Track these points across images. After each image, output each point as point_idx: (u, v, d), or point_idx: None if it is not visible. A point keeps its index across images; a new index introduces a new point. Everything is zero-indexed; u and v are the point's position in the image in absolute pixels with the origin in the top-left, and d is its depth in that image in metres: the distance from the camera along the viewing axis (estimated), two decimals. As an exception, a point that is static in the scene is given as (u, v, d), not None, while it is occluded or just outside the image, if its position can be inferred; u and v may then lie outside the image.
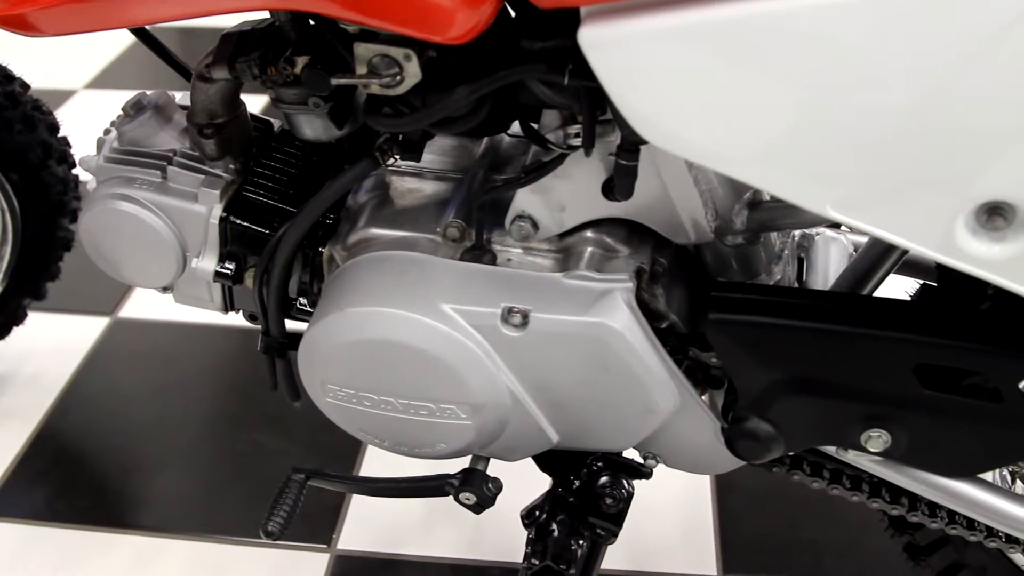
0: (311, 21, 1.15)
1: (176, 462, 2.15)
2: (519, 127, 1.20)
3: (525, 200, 1.19)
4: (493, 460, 1.39)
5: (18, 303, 2.12)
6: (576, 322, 1.17)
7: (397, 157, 1.20)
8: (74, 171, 2.04)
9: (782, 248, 1.34)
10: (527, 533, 1.38)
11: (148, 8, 1.12)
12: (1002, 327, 1.10)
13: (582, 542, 1.36)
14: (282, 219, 1.35)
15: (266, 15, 1.20)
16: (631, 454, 1.37)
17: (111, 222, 1.38)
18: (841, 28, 0.78)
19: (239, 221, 1.35)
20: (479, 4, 0.92)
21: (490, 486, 1.36)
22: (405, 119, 1.11)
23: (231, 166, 1.36)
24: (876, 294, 1.29)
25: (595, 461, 1.38)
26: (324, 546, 1.96)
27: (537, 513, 1.38)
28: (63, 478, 2.13)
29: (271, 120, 1.45)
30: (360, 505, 2.03)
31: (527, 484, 1.45)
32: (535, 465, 1.41)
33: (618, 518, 1.37)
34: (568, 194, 1.18)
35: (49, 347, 2.44)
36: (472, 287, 1.21)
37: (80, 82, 3.68)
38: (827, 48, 0.79)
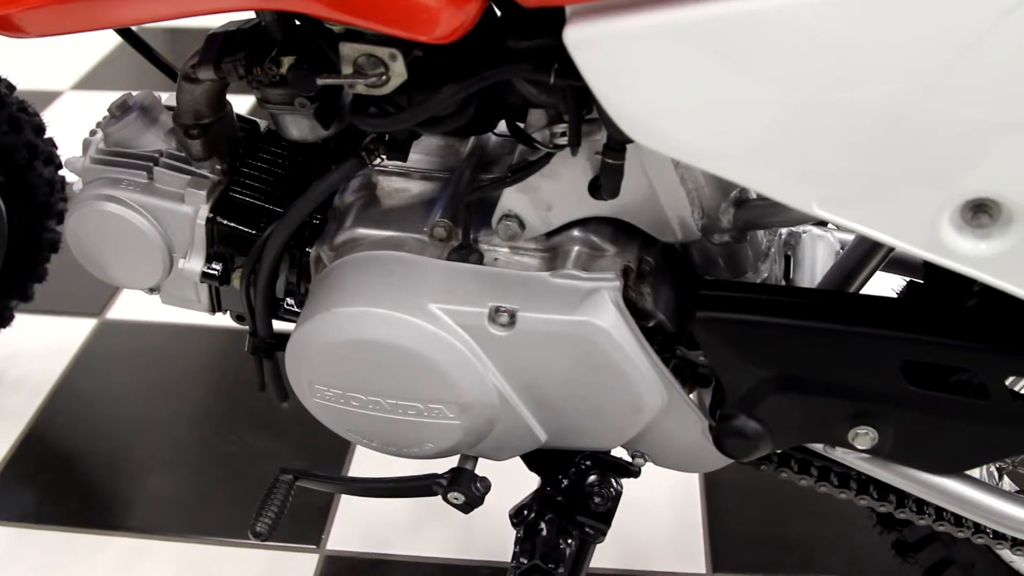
0: (296, 21, 1.15)
1: (164, 463, 2.15)
2: (505, 126, 1.20)
3: (512, 199, 1.19)
4: (481, 460, 1.39)
5: (5, 305, 2.12)
6: (563, 321, 1.17)
7: (384, 157, 1.20)
8: (60, 172, 2.03)
9: (769, 246, 1.34)
10: (516, 532, 1.39)
11: (133, 9, 1.12)
12: (988, 324, 1.10)
13: (571, 541, 1.36)
14: (269, 219, 1.34)
15: (252, 15, 1.20)
16: (619, 453, 1.37)
17: (97, 223, 1.38)
18: (825, 26, 0.78)
19: (226, 222, 1.35)
20: (464, 4, 0.92)
21: (478, 486, 1.36)
22: (391, 119, 1.11)
23: (217, 167, 1.36)
24: (863, 291, 1.29)
25: (583, 460, 1.38)
26: (313, 547, 1.95)
27: (525, 512, 1.38)
28: (51, 480, 2.12)
29: (257, 120, 1.45)
30: (349, 505, 2.03)
31: (515, 483, 1.45)
32: (523, 464, 1.41)
33: (606, 517, 1.37)
34: (555, 193, 1.18)
35: (36, 349, 2.44)
36: (459, 287, 1.21)
37: (66, 83, 3.67)
38: (811, 46, 0.79)
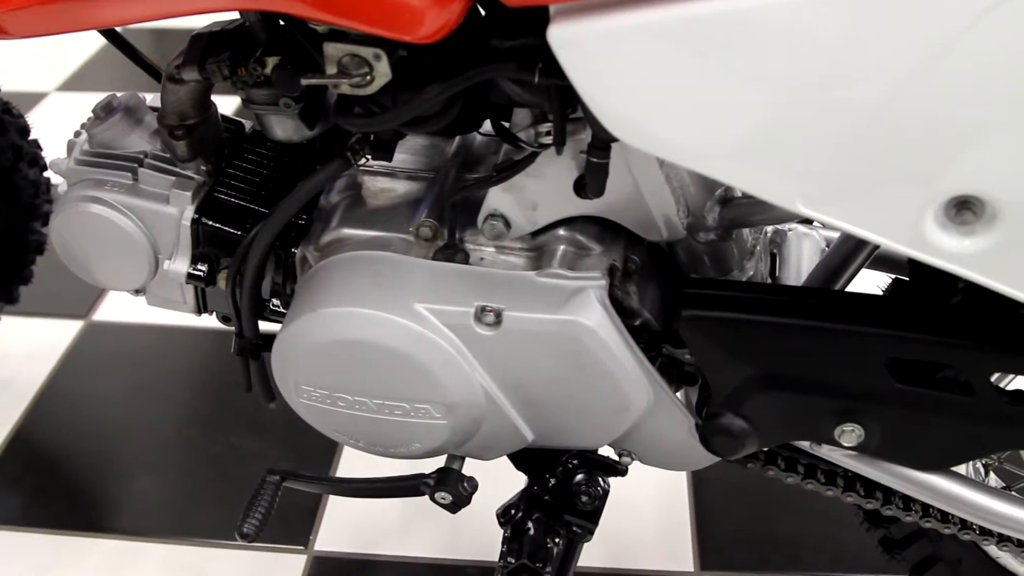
0: (281, 22, 1.15)
1: (151, 465, 2.15)
2: (490, 126, 1.20)
3: (497, 199, 1.19)
4: (469, 459, 1.39)
5: (-9, 307, 2.11)
6: (549, 320, 1.17)
7: (369, 157, 1.20)
8: (45, 174, 2.03)
9: (754, 244, 1.34)
10: (503, 532, 1.39)
11: (117, 9, 1.11)
12: (973, 321, 1.10)
13: (558, 540, 1.36)
14: (254, 220, 1.34)
15: (236, 16, 1.20)
16: (606, 451, 1.37)
17: (82, 225, 1.37)
18: (808, 24, 0.78)
19: (211, 222, 1.35)
20: (448, 3, 0.92)
21: (466, 485, 1.36)
22: (376, 119, 1.11)
23: (202, 167, 1.35)
24: (848, 289, 1.30)
25: (570, 459, 1.38)
26: (301, 547, 1.95)
27: (513, 512, 1.38)
28: (38, 482, 2.12)
29: (242, 121, 1.44)
30: (337, 506, 2.03)
31: (503, 483, 1.45)
32: (510, 464, 1.41)
33: (594, 516, 1.37)
34: (540, 192, 1.18)
35: (23, 351, 2.43)
36: (445, 286, 1.21)
37: (52, 84, 3.66)
38: (794, 44, 0.79)
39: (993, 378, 1.14)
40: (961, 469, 1.34)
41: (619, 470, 1.39)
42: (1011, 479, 1.63)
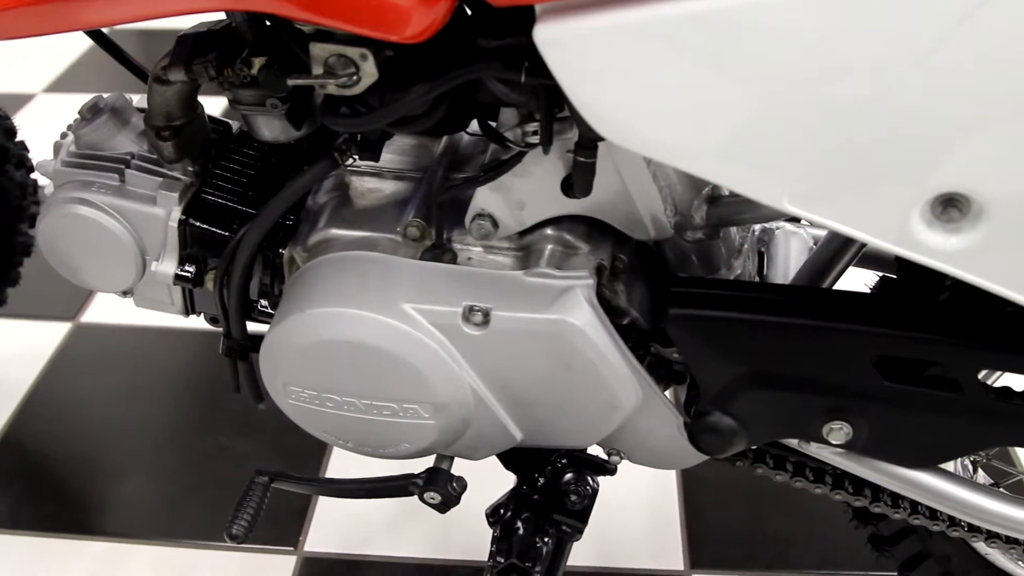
0: (267, 22, 1.15)
1: (140, 467, 2.14)
2: (477, 126, 1.20)
3: (484, 198, 1.19)
4: (458, 459, 1.38)
5: (-22, 310, 2.11)
6: (537, 319, 1.17)
7: (356, 157, 1.20)
8: (32, 176, 2.02)
9: (742, 243, 1.34)
10: (492, 531, 1.39)
11: (103, 10, 1.11)
12: (960, 318, 1.11)
13: (547, 539, 1.36)
14: (242, 221, 1.34)
15: (222, 17, 1.20)
16: (596, 451, 1.37)
17: (69, 226, 1.37)
18: (793, 23, 0.78)
19: (198, 223, 1.35)
20: (434, 3, 0.92)
21: (455, 485, 1.36)
22: (362, 119, 1.11)
23: (189, 168, 1.35)
24: (836, 287, 1.30)
25: (559, 458, 1.38)
26: (291, 548, 1.95)
27: (502, 511, 1.38)
28: (27, 485, 2.11)
29: (229, 122, 1.44)
30: (326, 507, 2.02)
31: (492, 482, 1.45)
32: (499, 463, 1.41)
33: (583, 515, 1.37)
34: (527, 192, 1.18)
35: (10, 353, 2.43)
36: (433, 286, 1.21)
37: (39, 86, 3.65)
38: (779, 43, 0.79)
39: (980, 375, 1.15)
40: (949, 466, 1.34)
41: (608, 469, 1.39)
42: (999, 476, 1.63)
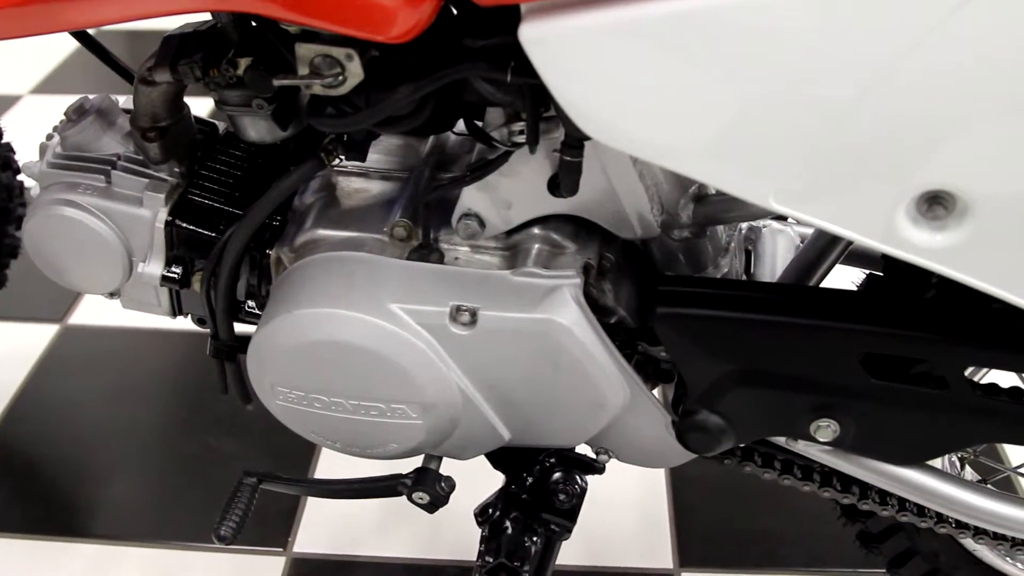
0: (253, 23, 1.15)
1: (129, 468, 2.14)
2: (464, 125, 1.20)
3: (471, 198, 1.19)
4: (446, 459, 1.38)
5: (-35, 312, 2.10)
6: (524, 319, 1.17)
7: (342, 157, 1.20)
8: (19, 178, 2.02)
9: (729, 241, 1.35)
10: (481, 531, 1.39)
11: (88, 11, 1.11)
12: (947, 315, 1.11)
13: (536, 539, 1.36)
14: (228, 222, 1.34)
15: (208, 17, 1.20)
16: (584, 450, 1.37)
17: (56, 228, 1.37)
18: (778, 21, 0.78)
19: (185, 224, 1.34)
20: (419, 3, 0.92)
21: (443, 485, 1.36)
22: (348, 119, 1.11)
23: (176, 169, 1.35)
24: (823, 285, 1.30)
25: (547, 457, 1.39)
26: (280, 549, 1.95)
27: (491, 511, 1.38)
28: (15, 488, 2.11)
29: (216, 122, 1.44)
30: (315, 507, 2.02)
31: (480, 482, 1.45)
32: (488, 463, 1.41)
33: (572, 514, 1.38)
34: (514, 191, 1.18)
35: (-2, 356, 2.43)
36: (420, 286, 1.20)
37: (25, 87, 3.65)
38: (764, 42, 0.80)
39: (967, 372, 1.15)
40: (937, 463, 1.34)
41: (596, 468, 1.39)
42: (987, 472, 1.64)
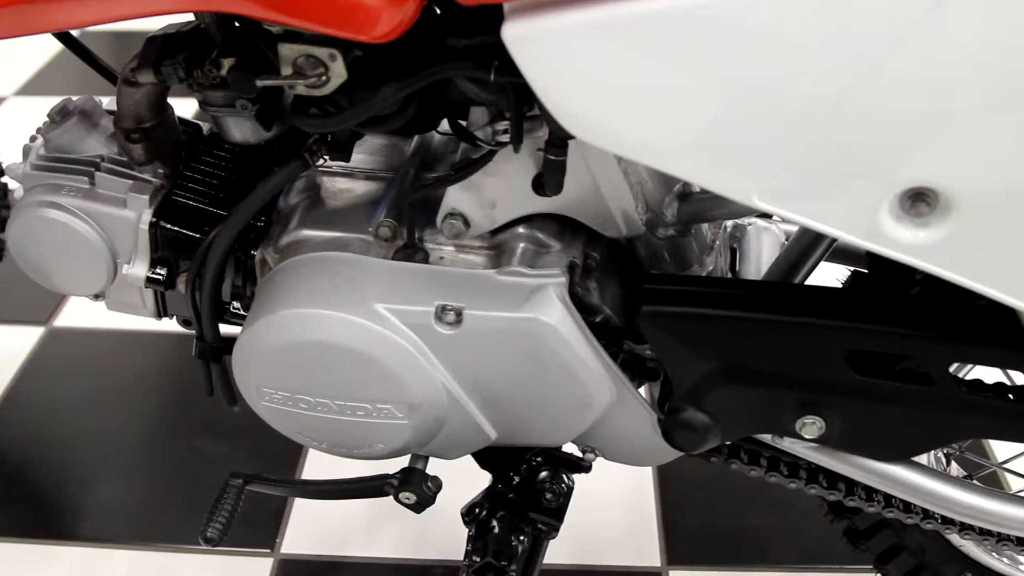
0: (236, 23, 1.14)
1: (116, 471, 2.13)
2: (448, 125, 1.20)
3: (456, 197, 1.19)
4: (432, 459, 1.38)
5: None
6: (510, 318, 1.17)
7: (326, 158, 1.19)
8: (2, 180, 2.01)
9: (714, 239, 1.35)
10: (468, 531, 1.39)
11: (71, 13, 1.10)
12: (931, 312, 1.11)
13: (523, 538, 1.37)
14: (213, 223, 1.33)
15: (191, 18, 1.19)
16: (570, 448, 1.37)
17: (39, 230, 1.36)
18: (761, 20, 0.79)
19: (169, 226, 1.34)
20: (402, 2, 0.92)
21: (430, 485, 1.36)
22: (332, 119, 1.11)
23: (160, 171, 1.35)
24: (808, 282, 1.30)
25: (534, 456, 1.39)
26: (268, 550, 1.95)
27: (477, 510, 1.39)
28: (1, 490, 2.10)
29: (200, 123, 1.44)
30: (303, 508, 2.02)
31: (467, 482, 1.45)
32: (474, 462, 1.41)
33: (559, 513, 1.38)
34: (498, 190, 1.18)
35: (-17, 359, 2.42)
36: (405, 286, 1.20)
37: (9, 89, 3.64)
38: (747, 40, 0.80)
39: (952, 368, 1.15)
40: (922, 459, 1.34)
41: (583, 466, 1.39)
42: (972, 468, 1.64)
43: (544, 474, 1.37)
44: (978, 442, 2.00)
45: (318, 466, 2.11)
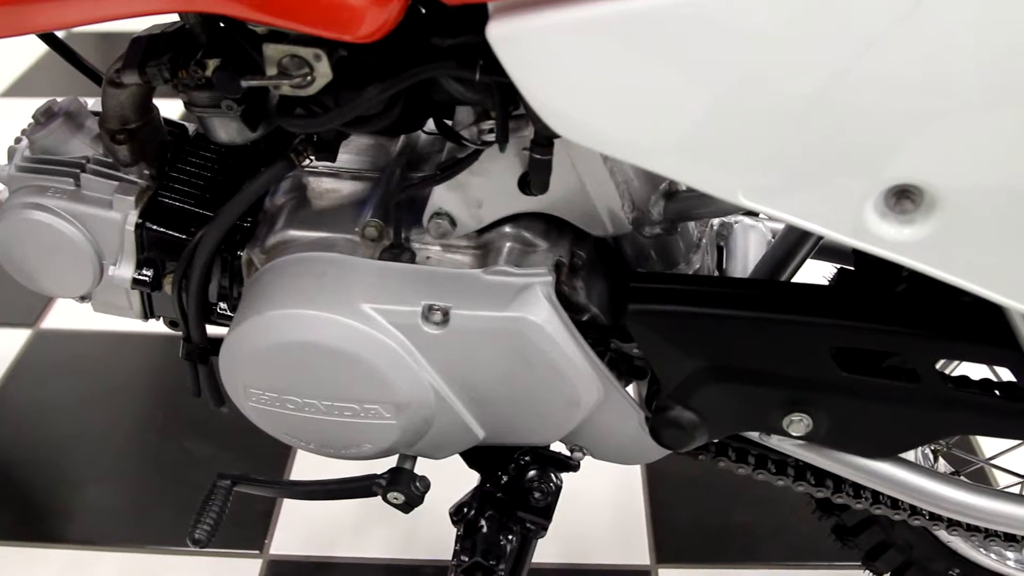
0: (221, 23, 1.14)
1: (104, 473, 2.13)
2: (434, 124, 1.20)
3: (442, 197, 1.19)
4: (420, 458, 1.38)
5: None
6: (496, 317, 1.17)
7: (312, 158, 1.19)
8: (-12, 182, 2.01)
9: (700, 237, 1.35)
10: (456, 530, 1.39)
11: (55, 13, 1.10)
12: (917, 309, 1.12)
13: (512, 537, 1.37)
14: (199, 224, 1.33)
15: (176, 19, 1.19)
16: (558, 447, 1.37)
17: (25, 232, 1.36)
18: (743, 18, 0.79)
19: (155, 227, 1.34)
20: (387, 2, 0.91)
21: (418, 485, 1.36)
22: (318, 119, 1.10)
23: (145, 172, 1.34)
24: (794, 280, 1.31)
25: (522, 456, 1.39)
26: (257, 551, 1.95)
27: (466, 510, 1.39)
28: (-11, 493, 2.10)
29: (185, 124, 1.43)
30: (292, 509, 2.02)
31: (455, 481, 1.45)
32: (463, 462, 1.41)
33: (547, 512, 1.38)
34: (485, 190, 1.18)
35: (-30, 362, 2.41)
36: (392, 286, 1.20)
37: (-5, 91, 3.64)
38: (730, 39, 0.80)
39: (938, 365, 1.15)
40: (910, 455, 1.35)
41: (571, 465, 1.39)
42: (959, 464, 1.64)
43: (532, 473, 1.38)
44: (965, 438, 2.00)
45: (306, 467, 2.11)
